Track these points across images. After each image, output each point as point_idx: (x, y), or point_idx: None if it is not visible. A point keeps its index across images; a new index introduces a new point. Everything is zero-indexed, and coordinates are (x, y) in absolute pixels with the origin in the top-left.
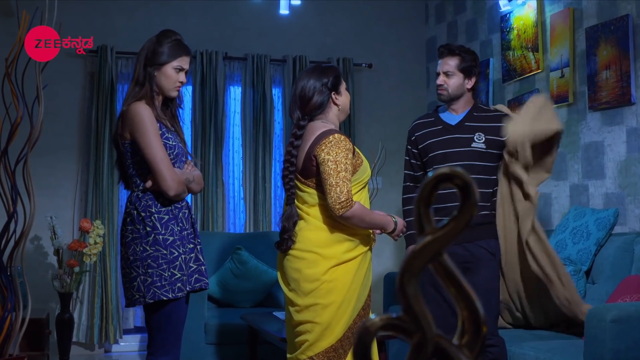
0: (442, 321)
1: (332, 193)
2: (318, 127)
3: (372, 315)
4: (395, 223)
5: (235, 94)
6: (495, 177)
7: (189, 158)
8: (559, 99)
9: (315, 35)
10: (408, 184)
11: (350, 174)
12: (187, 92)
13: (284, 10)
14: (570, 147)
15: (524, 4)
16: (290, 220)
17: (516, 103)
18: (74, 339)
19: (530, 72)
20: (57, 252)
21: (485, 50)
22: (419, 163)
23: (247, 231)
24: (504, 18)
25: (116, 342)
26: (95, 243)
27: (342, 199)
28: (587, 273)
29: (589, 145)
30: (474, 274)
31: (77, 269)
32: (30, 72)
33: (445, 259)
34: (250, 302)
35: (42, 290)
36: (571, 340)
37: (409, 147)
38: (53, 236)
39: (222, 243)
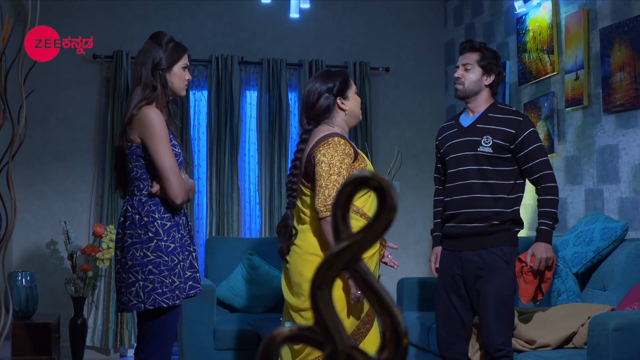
0: (449, 328)
1: (320, 195)
2: (322, 130)
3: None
4: None
5: (251, 98)
6: (513, 182)
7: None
8: (573, 101)
9: (332, 39)
10: (437, 187)
11: (344, 178)
12: (203, 97)
13: (294, 14)
14: (585, 150)
15: (539, 5)
16: (286, 225)
17: (532, 106)
18: (89, 344)
19: (545, 74)
20: (71, 256)
21: (502, 52)
22: (443, 166)
23: (263, 236)
24: (520, 20)
25: (131, 346)
26: (109, 248)
27: (329, 202)
28: (582, 276)
29: (604, 148)
30: (486, 282)
31: (90, 273)
32: (31, 76)
33: (362, 266)
34: (262, 307)
35: (57, 295)
36: (576, 349)
37: (435, 151)
38: (67, 241)
39: (235, 248)
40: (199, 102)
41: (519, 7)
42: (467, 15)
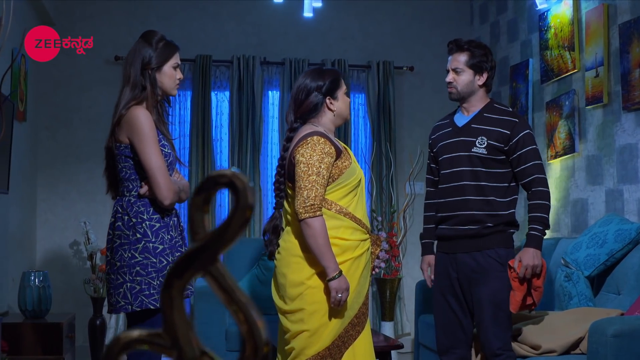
0: (448, 331)
1: (298, 196)
2: (306, 129)
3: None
4: (338, 275)
5: (273, 98)
6: (507, 184)
7: (177, 166)
8: (594, 99)
9: (355, 39)
10: (428, 189)
11: (324, 178)
12: (225, 98)
13: (307, 13)
14: (605, 150)
15: (560, 1)
16: (275, 226)
17: (554, 105)
18: None
19: (567, 72)
20: (90, 257)
21: (525, 50)
22: (437, 167)
23: None
24: (542, 17)
25: None
26: None
27: (307, 204)
28: (597, 280)
29: (624, 147)
30: (482, 286)
31: None
32: (55, 78)
33: (219, 268)
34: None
35: (80, 295)
36: (582, 355)
37: (429, 151)
38: (87, 241)
39: (253, 249)
40: (221, 103)
41: (540, 4)
42: (492, 13)
